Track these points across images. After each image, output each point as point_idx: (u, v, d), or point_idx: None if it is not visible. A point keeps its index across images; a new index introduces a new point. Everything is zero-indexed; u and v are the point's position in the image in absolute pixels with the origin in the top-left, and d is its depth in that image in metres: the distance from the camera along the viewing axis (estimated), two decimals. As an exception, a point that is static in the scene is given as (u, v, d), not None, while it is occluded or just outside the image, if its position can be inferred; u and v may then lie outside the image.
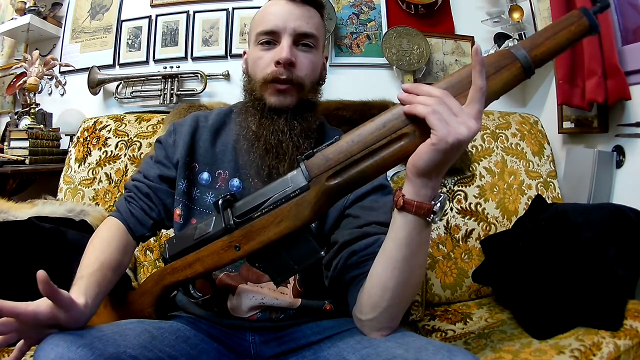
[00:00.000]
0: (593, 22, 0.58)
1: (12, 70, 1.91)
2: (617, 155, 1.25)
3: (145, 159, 0.91)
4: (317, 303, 0.81)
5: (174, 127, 0.90)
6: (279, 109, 0.79)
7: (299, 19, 0.79)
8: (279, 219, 0.63)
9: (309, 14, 0.81)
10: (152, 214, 0.84)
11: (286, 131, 0.78)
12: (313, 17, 0.82)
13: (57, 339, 0.55)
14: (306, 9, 0.81)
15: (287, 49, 0.77)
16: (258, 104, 0.80)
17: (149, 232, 0.84)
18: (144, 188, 0.85)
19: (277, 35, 0.79)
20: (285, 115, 0.79)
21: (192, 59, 1.80)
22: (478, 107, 0.56)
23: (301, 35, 0.80)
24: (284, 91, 0.78)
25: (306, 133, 0.80)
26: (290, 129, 0.78)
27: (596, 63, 1.19)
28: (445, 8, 1.76)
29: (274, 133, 0.78)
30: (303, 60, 0.80)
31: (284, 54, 0.77)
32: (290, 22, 0.79)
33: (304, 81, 0.80)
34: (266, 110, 0.79)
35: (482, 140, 1.40)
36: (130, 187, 0.86)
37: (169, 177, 0.85)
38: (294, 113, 0.79)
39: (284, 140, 0.78)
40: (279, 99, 0.79)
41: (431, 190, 0.59)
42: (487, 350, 0.91)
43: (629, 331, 0.88)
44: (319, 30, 0.83)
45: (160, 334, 0.67)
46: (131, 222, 0.82)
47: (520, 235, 1.12)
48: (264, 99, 0.79)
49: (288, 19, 0.79)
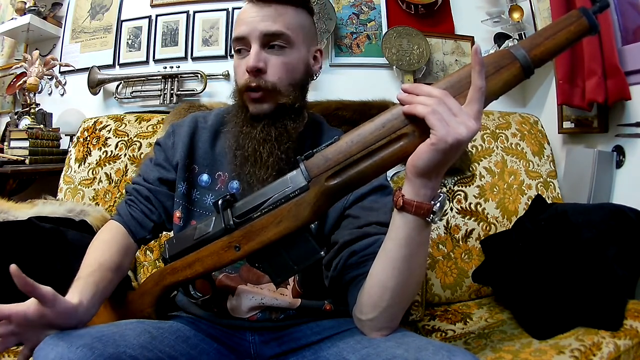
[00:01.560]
0: (592, 22, 0.58)
1: (12, 70, 1.91)
2: (617, 155, 1.25)
3: (145, 161, 0.91)
4: (316, 303, 0.81)
5: (172, 128, 0.90)
6: (257, 116, 0.78)
7: (264, 19, 0.76)
8: (278, 219, 0.63)
9: (277, 12, 0.77)
10: (153, 217, 0.84)
11: (260, 139, 0.77)
12: (282, 14, 0.77)
13: (57, 339, 0.55)
14: (273, 8, 0.77)
15: (253, 57, 0.75)
16: (241, 111, 0.80)
17: (149, 235, 0.84)
18: (144, 191, 0.85)
19: (246, 42, 0.78)
20: (262, 122, 0.78)
21: (192, 59, 1.80)
22: (477, 107, 0.56)
23: (269, 37, 0.76)
24: (259, 99, 0.78)
25: (283, 138, 0.78)
26: (266, 135, 0.77)
27: (596, 63, 1.19)
28: (445, 8, 1.76)
29: (251, 141, 0.78)
30: (274, 62, 0.77)
31: (250, 62, 0.75)
32: (256, 24, 0.76)
33: (277, 85, 0.77)
34: (247, 118, 0.79)
35: (482, 140, 1.40)
36: (131, 191, 0.87)
37: (168, 180, 0.86)
38: (272, 119, 0.78)
39: (258, 148, 0.77)
40: (255, 107, 0.78)
41: (431, 191, 0.59)
42: (487, 350, 0.91)
43: (629, 331, 0.88)
44: (291, 27, 0.78)
45: (160, 334, 0.67)
46: (132, 224, 0.82)
47: (520, 235, 1.12)
48: (247, 107, 0.80)
49: (254, 22, 0.76)
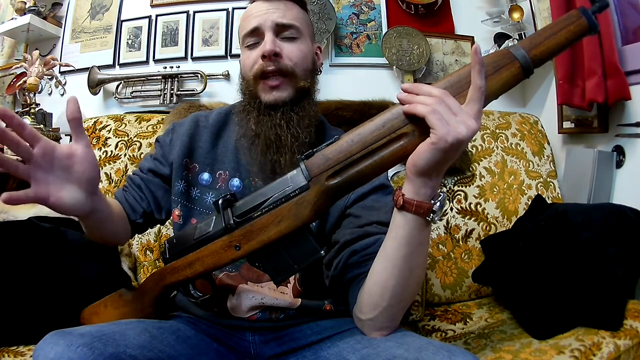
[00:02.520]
0: (592, 22, 0.58)
1: (12, 70, 1.91)
2: (617, 155, 1.25)
3: (146, 156, 0.94)
4: (317, 303, 0.81)
5: (173, 126, 0.92)
6: (275, 105, 0.80)
7: (275, 11, 0.82)
8: (279, 218, 0.63)
9: (286, 7, 0.83)
10: (142, 204, 0.87)
11: (283, 124, 0.79)
12: (291, 9, 0.84)
13: (57, 338, 0.55)
14: (282, 3, 0.83)
15: (269, 42, 0.79)
16: (254, 102, 0.81)
17: (140, 219, 0.86)
18: (137, 180, 0.89)
19: (259, 33, 0.81)
20: (282, 109, 0.79)
21: (192, 59, 1.80)
22: (477, 106, 0.56)
23: (281, 27, 0.81)
24: (277, 86, 0.80)
25: (304, 121, 0.80)
26: (288, 121, 0.79)
27: (596, 63, 1.19)
28: (445, 8, 1.76)
29: (272, 128, 0.79)
30: (289, 48, 0.81)
31: (267, 46, 0.79)
32: (269, 16, 0.81)
33: (294, 69, 0.81)
34: (263, 108, 0.80)
35: (482, 140, 1.40)
36: (127, 180, 0.91)
37: (161, 174, 0.88)
38: (292, 104, 0.80)
39: (282, 134, 0.79)
40: (273, 95, 0.80)
41: (431, 190, 0.59)
42: (487, 350, 0.91)
43: (629, 331, 0.88)
44: (300, 21, 0.84)
45: (160, 334, 0.67)
46: (126, 206, 0.85)
47: (520, 235, 1.12)
48: (259, 97, 0.81)
49: (266, 14, 0.82)
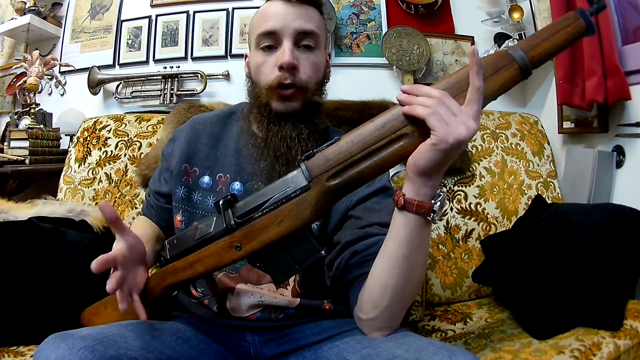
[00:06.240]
0: (589, 23, 0.58)
1: (12, 70, 1.92)
2: (617, 155, 1.25)
3: (156, 169, 0.97)
4: (316, 302, 0.81)
5: (174, 134, 0.93)
6: (285, 114, 0.78)
7: (298, 18, 0.78)
8: (279, 219, 0.63)
9: (308, 13, 0.80)
10: (164, 217, 0.91)
11: (294, 136, 0.77)
12: (313, 15, 0.81)
13: (59, 341, 0.55)
14: (304, 8, 0.80)
15: (288, 53, 0.76)
16: (264, 109, 0.80)
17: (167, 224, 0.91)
18: (151, 201, 0.94)
19: (277, 37, 0.78)
20: (292, 120, 0.78)
21: (192, 59, 1.80)
22: (476, 107, 0.56)
23: (302, 35, 0.78)
24: (289, 96, 0.78)
25: (314, 136, 0.80)
26: (298, 133, 0.78)
27: (596, 63, 1.19)
28: (445, 8, 1.76)
29: (282, 140, 0.77)
30: (305, 62, 0.79)
31: (286, 58, 0.76)
32: (290, 22, 0.78)
33: (308, 84, 0.79)
34: (272, 116, 0.79)
35: (482, 140, 1.40)
36: (146, 197, 0.97)
37: (163, 193, 0.91)
38: (301, 117, 0.79)
39: (292, 146, 0.77)
40: (284, 105, 0.78)
41: (431, 190, 0.59)
42: (487, 350, 0.91)
43: (629, 331, 0.88)
44: (320, 28, 0.82)
45: (160, 335, 0.68)
46: (154, 219, 0.91)
47: (520, 235, 1.12)
48: (270, 105, 0.79)
49: (287, 19, 0.78)
